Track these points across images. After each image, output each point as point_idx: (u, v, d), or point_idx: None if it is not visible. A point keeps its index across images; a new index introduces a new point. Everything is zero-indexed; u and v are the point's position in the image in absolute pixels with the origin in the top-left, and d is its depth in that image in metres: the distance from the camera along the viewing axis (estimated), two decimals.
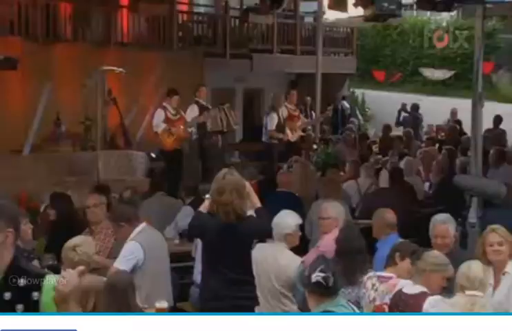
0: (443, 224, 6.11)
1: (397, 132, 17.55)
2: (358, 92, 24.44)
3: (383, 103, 21.47)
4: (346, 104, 20.42)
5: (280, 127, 13.85)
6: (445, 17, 21.48)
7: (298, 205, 8.61)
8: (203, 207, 5.65)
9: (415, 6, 16.65)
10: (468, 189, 9.68)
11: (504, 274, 5.38)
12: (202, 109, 13.28)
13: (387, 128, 17.34)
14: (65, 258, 5.37)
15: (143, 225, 6.24)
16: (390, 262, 5.24)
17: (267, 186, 9.65)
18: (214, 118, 13.73)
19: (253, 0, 15.63)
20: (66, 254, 5.30)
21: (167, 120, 12.92)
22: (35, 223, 7.66)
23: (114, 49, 16.04)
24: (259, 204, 5.44)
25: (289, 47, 19.81)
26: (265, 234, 5.65)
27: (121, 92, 15.22)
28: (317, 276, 3.93)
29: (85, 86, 13.22)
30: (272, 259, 5.71)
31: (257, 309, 5.42)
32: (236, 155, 15.47)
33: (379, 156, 13.73)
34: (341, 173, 11.49)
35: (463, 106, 17.55)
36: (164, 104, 13.22)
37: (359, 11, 10.80)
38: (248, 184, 5.57)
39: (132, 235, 6.02)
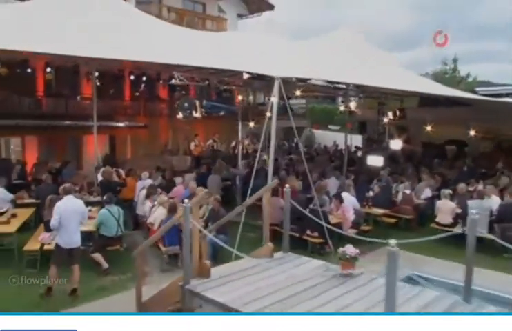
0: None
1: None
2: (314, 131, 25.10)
3: (323, 136, 23.09)
4: (296, 139, 22.39)
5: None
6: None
7: (216, 180, 10.81)
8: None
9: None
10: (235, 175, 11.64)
11: None
12: (214, 141, 16.73)
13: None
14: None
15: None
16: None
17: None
18: (215, 142, 16.84)
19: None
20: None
21: (194, 146, 15.96)
22: None
23: (199, 119, 17.30)
24: None
25: (280, 116, 22.75)
26: None
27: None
28: None
29: (190, 138, 16.65)
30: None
31: None
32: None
33: None
34: None
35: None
36: (194, 140, 16.12)
37: None
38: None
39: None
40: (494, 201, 8.42)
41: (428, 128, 14.31)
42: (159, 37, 10.13)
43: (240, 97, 14.84)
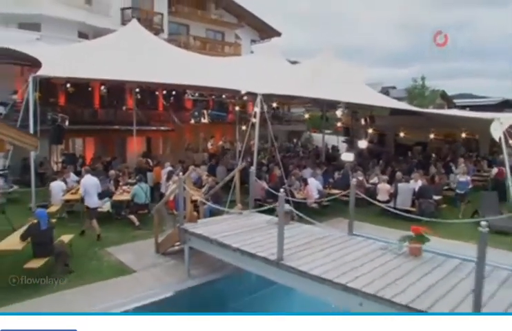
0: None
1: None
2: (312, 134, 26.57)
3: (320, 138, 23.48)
4: (295, 140, 24.15)
5: None
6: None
7: (223, 170, 12.30)
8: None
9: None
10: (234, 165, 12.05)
11: None
12: (224, 142, 18.07)
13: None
14: None
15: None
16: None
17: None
18: (225, 142, 18.48)
19: None
20: None
21: (211, 145, 17.50)
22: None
23: (213, 124, 19.37)
24: None
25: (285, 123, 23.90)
26: None
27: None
28: None
29: (209, 138, 18.66)
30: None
31: None
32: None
33: None
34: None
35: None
36: (210, 140, 17.93)
37: None
38: None
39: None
40: (417, 184, 9.91)
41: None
42: (177, 64, 12.26)
43: (237, 108, 16.47)
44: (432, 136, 15.50)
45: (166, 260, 7.38)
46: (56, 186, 9.62)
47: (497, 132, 9.90)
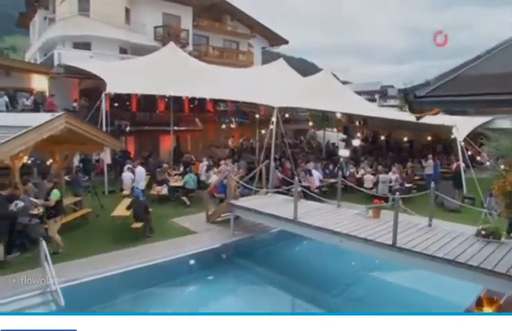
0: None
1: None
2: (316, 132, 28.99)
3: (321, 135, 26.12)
4: (302, 138, 26.11)
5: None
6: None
7: (244, 163, 15.61)
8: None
9: None
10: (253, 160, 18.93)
11: None
12: (243, 140, 20.56)
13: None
14: None
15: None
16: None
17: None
18: (244, 141, 20.96)
19: None
20: None
21: (231, 142, 20.14)
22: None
23: (232, 126, 22.04)
24: None
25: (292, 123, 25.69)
26: None
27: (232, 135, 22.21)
28: None
29: (229, 137, 22.29)
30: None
31: None
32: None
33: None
34: None
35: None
36: (230, 138, 20.80)
37: None
38: None
39: None
40: (394, 175, 13.19)
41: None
42: (206, 79, 15.61)
43: (257, 115, 19.78)
44: (406, 138, 18.69)
45: (215, 226, 10.64)
46: (127, 176, 13.07)
47: (457, 135, 13.20)
